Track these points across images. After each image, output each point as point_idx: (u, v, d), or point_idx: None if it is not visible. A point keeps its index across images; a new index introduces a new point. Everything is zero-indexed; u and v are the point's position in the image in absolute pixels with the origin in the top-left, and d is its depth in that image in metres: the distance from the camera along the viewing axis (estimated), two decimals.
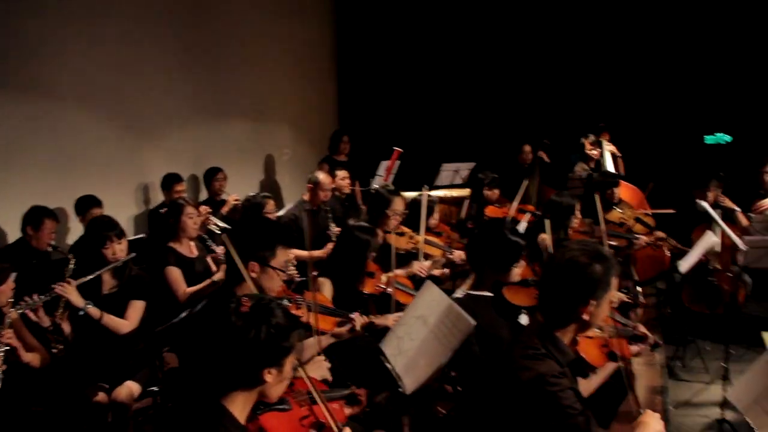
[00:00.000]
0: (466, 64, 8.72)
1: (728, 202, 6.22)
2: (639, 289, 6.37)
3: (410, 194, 5.33)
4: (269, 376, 1.92)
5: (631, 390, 2.78)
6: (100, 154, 5.70)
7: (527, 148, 7.51)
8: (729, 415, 4.06)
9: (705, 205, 5.33)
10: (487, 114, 8.63)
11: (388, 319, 3.58)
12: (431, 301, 3.04)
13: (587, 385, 2.76)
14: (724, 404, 4.02)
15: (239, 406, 1.92)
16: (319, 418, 2.31)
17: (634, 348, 3.07)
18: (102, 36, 5.63)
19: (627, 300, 4.02)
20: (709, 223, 5.92)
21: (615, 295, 3.85)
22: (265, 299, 2.02)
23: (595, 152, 7.16)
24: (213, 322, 1.98)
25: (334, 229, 5.21)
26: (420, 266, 4.60)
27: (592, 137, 7.18)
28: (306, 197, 5.65)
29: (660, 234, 5.56)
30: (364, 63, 8.98)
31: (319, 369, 2.65)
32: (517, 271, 3.47)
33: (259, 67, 7.37)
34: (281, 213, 5.65)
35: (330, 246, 4.76)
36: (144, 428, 4.00)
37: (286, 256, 2.91)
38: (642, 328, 3.08)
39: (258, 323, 1.90)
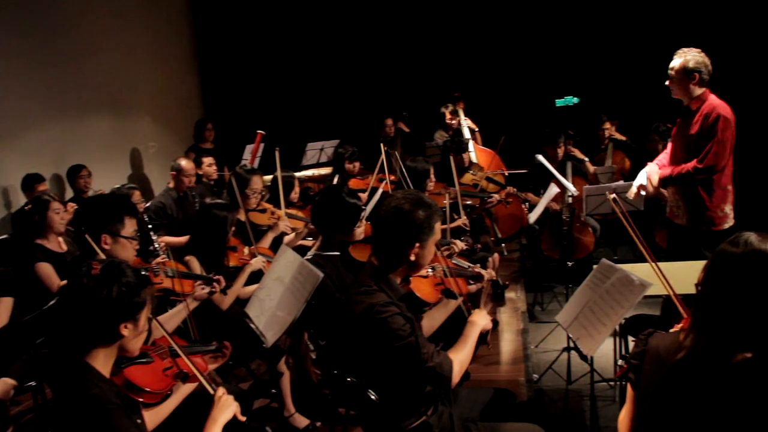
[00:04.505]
0: (325, 44, 8.92)
1: (578, 153, 6.80)
2: (503, 245, 6.92)
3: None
4: (126, 330, 2.07)
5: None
6: None
7: (389, 121, 7.80)
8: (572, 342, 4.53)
9: (541, 158, 5.81)
10: (348, 91, 8.88)
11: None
12: (286, 263, 3.29)
13: (432, 320, 2.98)
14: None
15: (101, 361, 2.06)
16: (183, 369, 2.51)
17: (472, 287, 3.31)
18: None
19: (465, 247, 4.36)
20: (562, 176, 6.49)
21: (457, 243, 4.25)
22: (115, 261, 2.17)
23: (454, 121, 7.61)
24: (67, 287, 2.13)
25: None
26: (288, 238, 4.86)
27: (451, 107, 7.61)
28: (171, 185, 5.75)
29: (511, 190, 5.96)
30: (224, 49, 9.00)
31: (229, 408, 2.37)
32: (360, 231, 3.75)
33: (112, 61, 7.23)
34: (149, 204, 5.71)
35: (183, 240, 4.87)
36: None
37: (134, 225, 3.09)
38: (477, 269, 3.36)
39: (109, 282, 2.05)
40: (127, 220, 3.01)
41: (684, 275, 2.69)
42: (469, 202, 5.76)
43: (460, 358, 2.52)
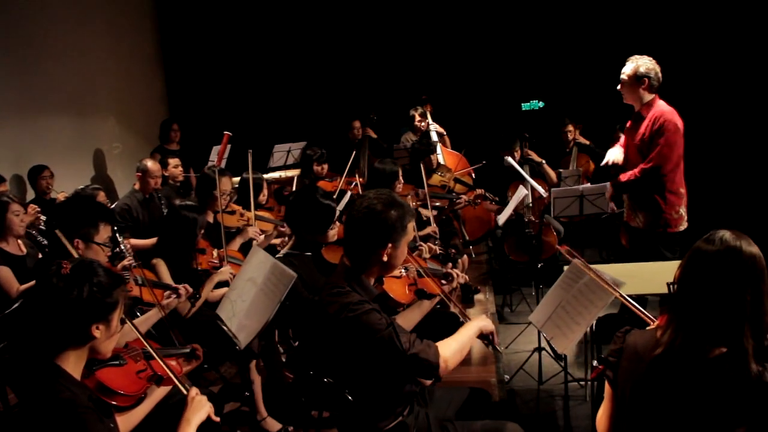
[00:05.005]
0: (292, 45, 8.86)
1: (534, 156, 6.88)
2: (470, 247, 6.96)
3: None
4: (97, 332, 2.02)
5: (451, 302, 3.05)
6: None
7: (356, 123, 7.77)
8: (544, 342, 4.52)
9: (510, 160, 5.86)
10: (315, 93, 8.84)
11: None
12: (258, 263, 3.25)
13: (406, 321, 2.91)
14: (539, 333, 4.49)
15: (72, 364, 2.00)
16: (156, 372, 2.45)
17: (445, 287, 3.33)
18: None
19: (440, 251, 4.37)
20: (521, 179, 6.55)
21: (429, 247, 4.25)
22: (86, 261, 2.11)
23: (423, 124, 7.63)
24: (36, 287, 2.06)
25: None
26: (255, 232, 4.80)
27: (420, 109, 7.63)
28: (137, 186, 5.64)
29: (479, 191, 6.01)
30: (189, 48, 8.86)
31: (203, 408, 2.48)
32: (333, 233, 3.73)
33: (73, 61, 7.06)
34: (113, 205, 5.60)
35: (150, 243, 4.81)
36: None
37: (108, 232, 3.03)
38: (449, 268, 3.34)
39: (80, 282, 1.99)
40: (101, 227, 2.96)
41: (649, 275, 2.76)
42: (438, 204, 5.78)
43: (450, 345, 2.44)
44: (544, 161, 6.78)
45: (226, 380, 4.22)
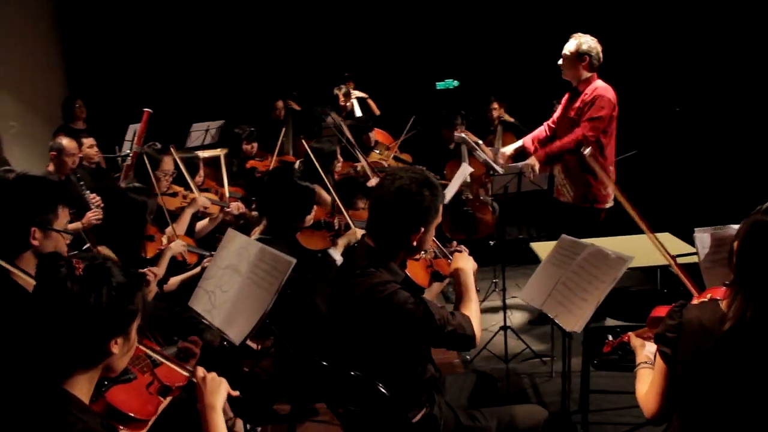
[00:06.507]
0: (207, 19, 8.29)
1: (472, 136, 6.83)
2: None
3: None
4: (116, 347, 1.64)
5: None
6: None
7: (279, 103, 7.44)
8: (509, 321, 4.53)
9: (464, 136, 5.75)
10: (233, 70, 8.37)
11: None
12: (238, 249, 2.95)
13: None
14: (505, 312, 4.47)
15: (84, 388, 1.63)
16: (163, 382, 2.13)
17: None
18: None
19: None
20: (457, 158, 6.47)
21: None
22: (98, 258, 1.69)
23: (348, 103, 7.41)
24: (40, 295, 1.64)
25: (91, 197, 4.73)
26: (202, 224, 4.49)
27: (344, 88, 7.39)
28: (51, 168, 5.08)
29: (421, 168, 5.91)
30: (90, 18, 8.05)
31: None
32: (310, 217, 3.50)
33: None
34: None
35: (90, 215, 4.38)
36: None
37: (67, 216, 2.60)
38: (455, 246, 3.16)
39: (98, 286, 1.60)
40: (60, 211, 2.48)
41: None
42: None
43: (473, 311, 2.39)
44: (481, 142, 6.74)
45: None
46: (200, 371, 1.96)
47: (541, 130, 5.08)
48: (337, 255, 3.36)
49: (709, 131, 7.17)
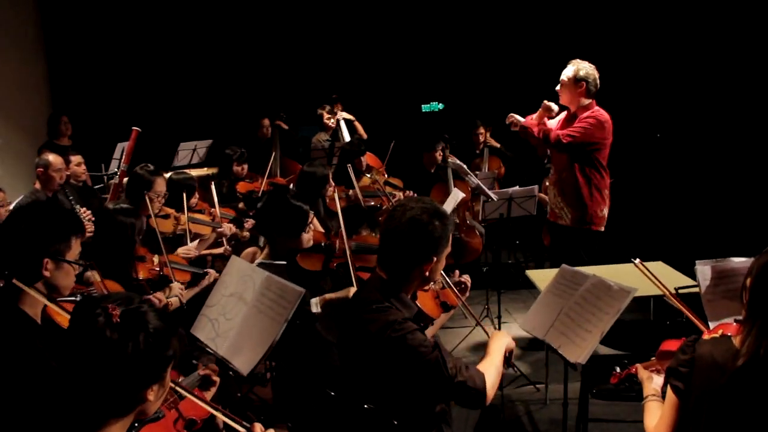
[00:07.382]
0: (195, 38, 8.27)
1: (455, 160, 6.86)
2: None
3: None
4: (152, 394, 1.58)
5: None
6: None
7: (266, 122, 7.42)
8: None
9: (458, 162, 5.78)
10: (220, 89, 8.35)
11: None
12: (242, 277, 2.93)
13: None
14: None
15: None
16: (190, 417, 2.09)
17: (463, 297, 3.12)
18: None
19: None
20: (443, 182, 6.51)
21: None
22: (132, 300, 1.62)
23: (332, 122, 7.41)
24: (77, 343, 1.57)
25: (82, 211, 4.64)
26: (185, 249, 4.39)
27: (328, 107, 7.40)
28: (37, 185, 5.00)
29: (410, 193, 5.94)
30: (76, 34, 7.98)
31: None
32: (308, 237, 3.50)
33: None
34: (12, 206, 4.91)
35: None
36: None
37: (79, 246, 2.56)
38: (458, 277, 3.13)
39: (135, 333, 1.53)
40: (73, 241, 2.43)
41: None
42: (372, 203, 5.63)
43: (489, 370, 2.32)
44: (465, 166, 6.78)
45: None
46: (257, 428, 1.83)
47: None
48: (316, 309, 3.27)
49: (692, 157, 7.30)
